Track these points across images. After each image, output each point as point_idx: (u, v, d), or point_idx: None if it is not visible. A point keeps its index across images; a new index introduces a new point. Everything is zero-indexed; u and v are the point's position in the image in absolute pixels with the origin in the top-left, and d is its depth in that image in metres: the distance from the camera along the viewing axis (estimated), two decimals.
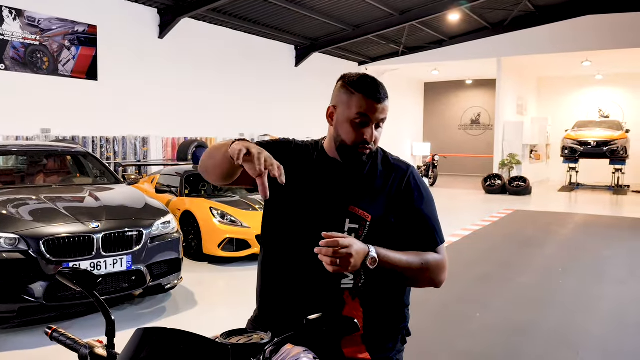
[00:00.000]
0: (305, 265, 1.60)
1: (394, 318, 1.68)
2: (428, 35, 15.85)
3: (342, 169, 1.66)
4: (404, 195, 1.63)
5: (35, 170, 6.16)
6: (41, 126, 9.27)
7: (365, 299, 1.61)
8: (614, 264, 7.06)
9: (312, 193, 1.64)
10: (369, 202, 1.61)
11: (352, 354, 1.59)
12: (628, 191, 16.20)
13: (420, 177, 1.70)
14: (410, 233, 1.61)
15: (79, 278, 1.34)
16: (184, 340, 1.15)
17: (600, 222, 10.53)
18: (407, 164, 1.72)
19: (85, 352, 1.29)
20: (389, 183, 1.64)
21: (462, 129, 22.78)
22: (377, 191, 1.63)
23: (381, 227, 1.59)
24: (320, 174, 1.67)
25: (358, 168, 1.65)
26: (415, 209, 1.63)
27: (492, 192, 15.28)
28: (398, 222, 1.61)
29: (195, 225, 6.72)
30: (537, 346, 4.20)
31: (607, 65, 17.48)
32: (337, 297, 1.59)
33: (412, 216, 1.62)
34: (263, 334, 1.36)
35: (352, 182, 1.65)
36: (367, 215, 1.59)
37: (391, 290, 1.66)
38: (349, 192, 1.63)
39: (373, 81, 1.61)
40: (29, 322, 4.44)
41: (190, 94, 11.98)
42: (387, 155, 1.72)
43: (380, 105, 1.59)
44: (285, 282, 1.66)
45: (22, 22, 8.93)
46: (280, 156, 1.63)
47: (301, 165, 1.69)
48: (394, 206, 1.62)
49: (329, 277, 1.57)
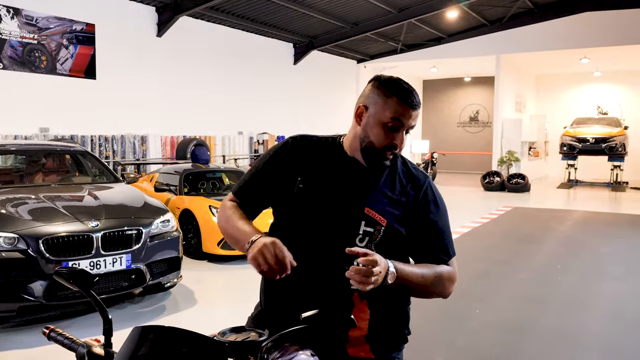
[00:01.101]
0: (316, 266, 1.59)
1: (399, 320, 1.68)
2: (426, 32, 15.84)
3: (362, 170, 1.63)
4: (420, 206, 1.62)
5: (34, 170, 6.15)
6: (40, 125, 9.27)
7: (373, 301, 1.60)
8: (613, 261, 7.07)
9: (328, 191, 1.62)
10: (385, 207, 1.59)
11: (356, 353, 1.59)
12: (626, 188, 16.22)
13: (436, 189, 1.69)
14: (423, 245, 1.62)
15: (75, 277, 1.34)
16: (181, 338, 1.15)
17: (599, 218, 10.54)
18: (425, 174, 1.71)
19: (83, 352, 1.30)
20: (406, 191, 1.63)
21: (460, 126, 22.78)
22: (394, 198, 1.62)
23: (395, 234, 1.59)
24: (337, 173, 1.64)
25: (379, 172, 1.63)
26: (430, 222, 1.62)
27: (490, 189, 15.29)
28: (410, 232, 1.61)
29: (195, 224, 6.72)
30: (537, 343, 4.21)
31: (606, 62, 17.47)
32: (347, 298, 1.59)
33: (426, 228, 1.62)
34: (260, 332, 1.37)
35: (371, 185, 1.62)
36: (383, 220, 1.58)
37: (398, 293, 1.65)
38: (367, 195, 1.61)
39: (409, 86, 1.59)
40: (28, 321, 4.45)
41: (188, 92, 11.98)
42: (407, 163, 1.70)
43: (415, 112, 1.57)
44: (293, 281, 1.62)
45: (20, 20, 8.91)
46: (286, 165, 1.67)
47: (315, 162, 1.66)
48: (409, 216, 1.61)
49: (340, 279, 1.54)
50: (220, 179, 8.25)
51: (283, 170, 1.67)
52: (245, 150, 13.64)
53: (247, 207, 1.71)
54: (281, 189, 1.66)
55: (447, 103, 23.06)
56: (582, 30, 14.68)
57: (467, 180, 18.63)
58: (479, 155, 21.22)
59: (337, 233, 1.57)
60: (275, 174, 1.67)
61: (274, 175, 1.68)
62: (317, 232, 1.60)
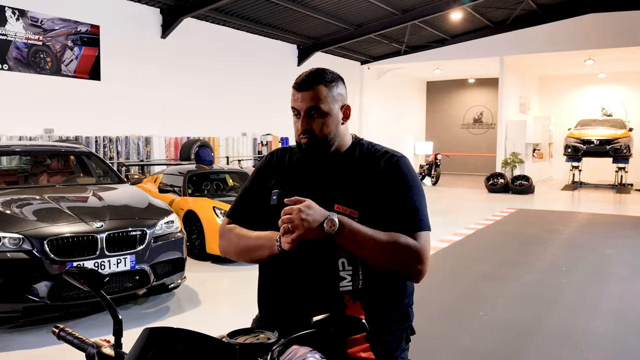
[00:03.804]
0: (301, 269, 1.60)
1: (397, 318, 1.67)
2: (430, 34, 15.83)
3: (322, 168, 1.65)
4: (388, 182, 1.59)
5: (38, 170, 6.17)
6: (44, 126, 9.29)
7: (366, 301, 1.59)
8: (618, 263, 7.04)
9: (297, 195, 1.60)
10: (354, 198, 1.58)
11: (356, 353, 1.58)
12: (631, 190, 16.16)
13: (407, 166, 1.64)
14: (390, 219, 1.56)
15: (86, 277, 1.34)
16: (192, 340, 1.15)
17: (604, 220, 10.50)
18: (395, 153, 1.67)
19: (93, 352, 1.29)
20: (374, 173, 1.61)
21: (464, 128, 22.76)
22: (362, 185, 1.60)
23: (371, 221, 1.54)
24: (302, 176, 1.68)
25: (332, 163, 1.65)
26: (396, 195, 1.58)
27: (494, 191, 15.26)
28: (383, 212, 1.57)
29: (199, 225, 6.72)
30: (541, 345, 4.19)
31: (610, 63, 17.43)
32: (337, 300, 1.58)
33: (394, 202, 1.58)
34: (270, 334, 1.36)
35: (338, 179, 1.62)
36: (354, 212, 1.57)
37: (392, 292, 1.64)
38: (334, 190, 1.61)
39: (308, 72, 1.64)
40: (33, 321, 4.46)
41: (192, 93, 11.99)
42: (375, 147, 1.69)
43: (301, 93, 1.61)
44: (283, 285, 1.65)
45: (25, 22, 8.94)
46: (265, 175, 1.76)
47: (288, 170, 1.72)
48: (380, 197, 1.58)
49: (326, 280, 1.57)
50: (224, 180, 8.25)
51: (264, 183, 1.74)
52: (249, 152, 13.65)
53: (243, 226, 1.74)
54: (261, 203, 1.72)
55: (450, 105, 23.04)
56: (586, 32, 14.65)
57: (471, 181, 18.60)
58: (483, 157, 21.19)
59: None
60: (260, 189, 1.74)
61: (258, 190, 1.75)
62: None
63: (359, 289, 1.58)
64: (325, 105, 1.61)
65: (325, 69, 1.66)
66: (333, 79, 1.64)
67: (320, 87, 1.60)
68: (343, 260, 1.57)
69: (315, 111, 1.60)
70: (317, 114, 1.61)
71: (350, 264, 1.57)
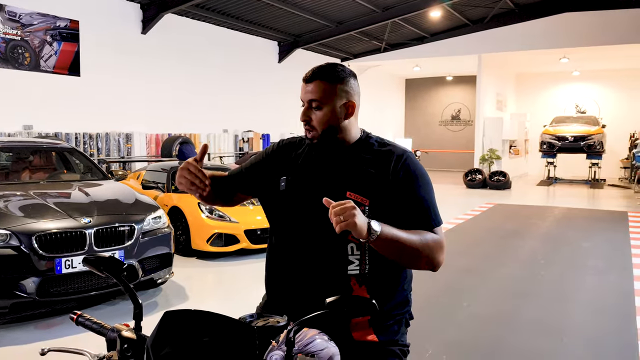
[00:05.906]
0: (311, 254, 1.68)
1: (398, 303, 1.75)
2: (410, 31, 15.99)
3: (332, 157, 1.72)
4: (400, 179, 1.66)
5: (20, 167, 6.09)
6: (23, 122, 9.16)
7: (371, 285, 1.67)
8: (593, 255, 7.27)
9: (311, 183, 1.71)
10: (366, 187, 1.65)
11: (360, 337, 1.66)
12: (604, 185, 16.60)
13: (416, 161, 1.72)
14: (405, 216, 1.63)
15: (105, 264, 1.39)
16: (211, 321, 1.21)
17: (579, 214, 10.79)
18: (403, 148, 1.74)
19: (114, 336, 1.34)
20: (384, 167, 1.67)
21: (442, 125, 23.03)
22: (373, 176, 1.67)
23: (381, 211, 1.62)
24: (312, 164, 1.75)
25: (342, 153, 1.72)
26: (410, 192, 1.65)
27: (472, 187, 15.53)
28: (395, 205, 1.64)
29: (184, 221, 6.73)
30: (522, 334, 4.34)
31: (584, 62, 17.83)
32: (345, 284, 1.65)
33: (407, 199, 1.65)
34: (279, 318, 1.43)
35: (348, 169, 1.69)
36: (365, 200, 1.64)
37: (395, 277, 1.73)
38: (345, 179, 1.67)
39: (318, 66, 1.73)
40: (22, 317, 4.44)
41: (173, 89, 11.93)
42: (384, 142, 1.77)
43: (307, 85, 1.70)
44: (292, 270, 1.72)
45: (3, 16, 8.80)
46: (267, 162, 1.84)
47: (299, 159, 1.78)
48: (390, 190, 1.65)
49: (335, 264, 1.65)
50: None
51: (270, 168, 1.81)
52: (230, 148, 13.62)
53: (230, 181, 1.89)
54: (267, 186, 1.80)
55: (429, 102, 23.28)
56: (561, 31, 14.96)
57: (450, 177, 18.85)
58: (461, 153, 21.48)
59: (326, 221, 1.57)
60: (263, 171, 1.83)
61: (262, 170, 1.84)
62: (307, 223, 1.68)
63: (365, 273, 1.66)
64: (324, 99, 1.68)
65: (337, 65, 1.73)
66: (339, 75, 1.70)
67: (321, 81, 1.68)
68: (352, 245, 1.65)
69: (315, 104, 1.68)
70: (316, 106, 1.68)
71: (358, 249, 1.65)
